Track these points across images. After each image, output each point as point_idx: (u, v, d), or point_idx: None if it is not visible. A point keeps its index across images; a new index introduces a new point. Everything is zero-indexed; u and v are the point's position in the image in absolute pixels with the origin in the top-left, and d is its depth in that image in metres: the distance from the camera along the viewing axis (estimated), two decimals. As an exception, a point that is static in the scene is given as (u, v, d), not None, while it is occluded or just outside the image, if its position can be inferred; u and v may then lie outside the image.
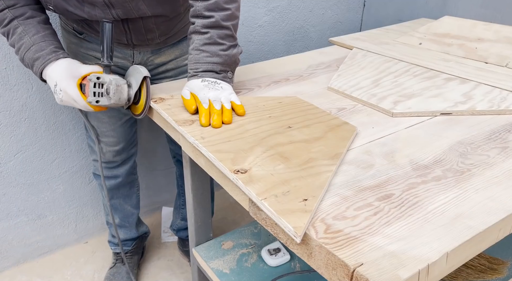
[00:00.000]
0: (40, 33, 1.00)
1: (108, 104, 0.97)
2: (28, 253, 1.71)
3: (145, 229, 1.70)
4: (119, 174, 1.47)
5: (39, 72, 1.00)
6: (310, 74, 1.19)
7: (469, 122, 0.93)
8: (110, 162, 1.43)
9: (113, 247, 1.64)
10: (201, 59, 0.97)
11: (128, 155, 1.45)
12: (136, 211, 1.61)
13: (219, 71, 0.98)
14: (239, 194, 0.73)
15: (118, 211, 1.56)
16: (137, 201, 1.60)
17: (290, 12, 1.93)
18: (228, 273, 1.14)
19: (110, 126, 1.34)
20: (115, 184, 1.48)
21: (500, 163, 0.78)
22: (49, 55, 0.99)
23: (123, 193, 1.53)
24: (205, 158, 0.82)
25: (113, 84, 0.96)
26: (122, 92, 0.98)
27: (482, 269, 1.17)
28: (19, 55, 1.02)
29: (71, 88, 0.97)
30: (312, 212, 0.63)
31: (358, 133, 0.88)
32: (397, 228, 0.61)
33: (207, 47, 0.97)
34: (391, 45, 1.39)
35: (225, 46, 0.97)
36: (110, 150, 1.39)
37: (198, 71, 0.97)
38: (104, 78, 0.96)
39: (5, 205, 1.59)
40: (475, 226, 0.62)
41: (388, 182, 0.72)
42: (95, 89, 0.96)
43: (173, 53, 1.26)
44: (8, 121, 1.47)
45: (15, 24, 1.00)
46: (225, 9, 0.96)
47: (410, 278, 0.54)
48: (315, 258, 0.60)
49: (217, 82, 0.96)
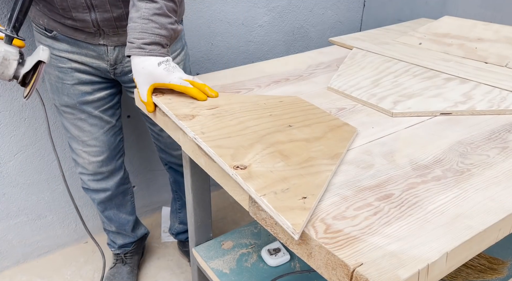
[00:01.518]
0: None
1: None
2: (28, 253, 1.72)
3: (143, 231, 1.68)
4: (109, 187, 1.42)
5: None
6: (310, 74, 1.19)
7: (469, 122, 0.93)
8: (97, 174, 1.37)
9: (113, 249, 1.64)
10: (149, 30, 0.92)
11: (115, 166, 1.39)
12: (132, 217, 1.58)
13: (164, 44, 0.94)
14: (239, 193, 0.73)
15: (113, 221, 1.52)
16: (132, 207, 1.56)
17: (290, 12, 1.93)
18: (228, 273, 1.14)
19: (92, 134, 1.29)
20: (106, 197, 1.43)
21: (500, 163, 0.78)
22: None
23: (116, 203, 1.49)
24: (205, 157, 0.82)
25: (0, 56, 0.91)
26: (8, 68, 0.93)
27: (482, 269, 1.17)
28: None
29: None
30: (311, 210, 0.63)
31: (358, 133, 0.88)
32: (397, 228, 0.61)
33: (157, 18, 0.93)
34: (391, 45, 1.39)
35: (172, 20, 0.95)
36: (94, 161, 1.34)
37: (145, 43, 0.92)
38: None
39: (5, 205, 1.59)
40: (475, 226, 0.62)
41: (388, 182, 0.72)
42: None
43: None
44: (8, 121, 1.47)
45: None
46: None
47: (410, 278, 0.54)
48: (315, 258, 0.60)
49: (169, 61, 0.94)
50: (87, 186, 1.42)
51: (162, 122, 0.98)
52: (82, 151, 1.32)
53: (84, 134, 1.29)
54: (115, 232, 1.57)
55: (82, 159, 1.34)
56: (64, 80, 1.20)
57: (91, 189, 1.42)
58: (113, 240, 1.61)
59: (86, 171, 1.36)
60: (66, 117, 1.27)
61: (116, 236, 1.59)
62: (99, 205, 1.46)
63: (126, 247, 1.62)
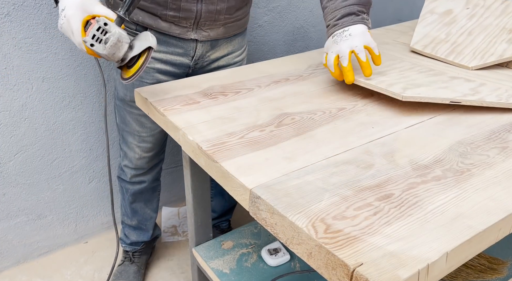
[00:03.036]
0: None
1: (101, 53, 0.92)
2: (28, 253, 1.72)
3: (158, 232, 1.71)
4: (145, 180, 1.47)
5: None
6: (310, 74, 1.19)
7: (469, 122, 0.93)
8: (140, 168, 1.43)
9: (124, 245, 1.65)
10: (338, 5, 1.00)
11: (157, 160, 1.45)
12: (155, 214, 1.61)
13: (357, 12, 0.99)
14: (239, 193, 0.74)
15: (137, 214, 1.55)
16: (157, 205, 1.60)
17: (290, 12, 1.93)
18: (228, 273, 1.14)
19: (151, 131, 1.33)
20: (140, 189, 1.48)
21: (500, 163, 0.78)
22: None
23: (145, 197, 1.53)
24: (205, 157, 0.82)
25: (115, 37, 0.90)
26: (120, 49, 0.93)
27: (482, 269, 1.17)
28: None
29: (75, 20, 0.90)
30: None
31: (358, 133, 0.88)
32: (397, 228, 0.61)
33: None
34: (391, 45, 1.39)
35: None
36: (145, 156, 1.38)
37: (338, 19, 0.99)
38: (111, 27, 0.90)
39: (5, 205, 1.59)
40: (475, 226, 0.62)
41: (388, 181, 0.72)
42: (97, 33, 0.90)
43: (227, 48, 1.28)
44: (8, 121, 1.47)
45: None
46: None
47: (410, 278, 0.54)
48: (315, 258, 0.60)
49: (345, 30, 0.98)
50: (126, 178, 1.45)
51: (163, 122, 0.98)
52: (137, 146, 1.36)
53: (144, 130, 1.33)
54: (135, 226, 1.58)
55: (134, 153, 1.38)
56: (143, 79, 1.23)
57: (128, 181, 1.46)
58: (127, 235, 1.62)
59: (132, 164, 1.41)
60: (131, 112, 1.30)
61: (133, 232, 1.60)
62: (131, 196, 1.49)
63: (136, 245, 1.63)
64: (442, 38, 1.28)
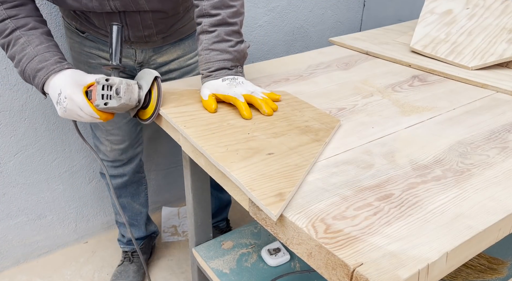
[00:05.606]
0: (43, 44, 0.98)
1: (118, 105, 0.91)
2: (28, 253, 1.72)
3: (153, 228, 1.72)
4: (125, 173, 1.48)
5: (42, 84, 0.96)
6: (310, 74, 1.19)
7: (469, 122, 0.93)
8: (116, 161, 1.44)
9: (122, 245, 1.66)
10: (212, 58, 0.98)
11: (133, 153, 1.47)
12: (145, 209, 1.63)
13: (230, 67, 0.98)
14: (239, 193, 0.74)
15: (126, 210, 1.57)
16: (145, 199, 1.62)
17: (290, 12, 1.93)
18: (228, 273, 1.14)
19: (116, 124, 1.35)
20: (122, 183, 1.50)
21: (499, 163, 0.78)
22: (54, 65, 0.96)
23: (130, 192, 1.55)
24: (205, 157, 0.82)
25: (124, 84, 0.92)
26: (133, 92, 0.94)
27: (482, 269, 1.17)
28: (19, 67, 0.98)
29: (77, 95, 0.92)
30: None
31: (358, 133, 0.88)
32: (397, 228, 0.61)
33: (216, 45, 0.97)
34: (391, 45, 1.39)
35: (232, 42, 0.98)
36: (116, 148, 1.40)
37: (211, 71, 0.98)
38: (113, 79, 0.92)
39: (5, 205, 1.59)
40: (475, 226, 0.62)
41: (388, 181, 0.72)
42: (104, 91, 0.91)
43: (175, 52, 1.27)
44: (8, 121, 1.47)
45: (17, 34, 0.97)
46: (230, 6, 0.97)
47: (410, 278, 0.54)
48: (315, 258, 0.60)
49: (235, 78, 0.97)
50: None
51: (164, 123, 0.98)
52: (106, 139, 1.38)
53: (108, 124, 1.35)
54: (128, 222, 1.58)
55: (104, 146, 1.40)
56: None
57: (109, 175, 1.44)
58: (123, 234, 1.63)
59: (107, 157, 1.43)
60: None
61: (126, 229, 1.61)
62: (116, 190, 1.51)
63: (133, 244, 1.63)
64: (442, 38, 1.29)
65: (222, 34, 0.97)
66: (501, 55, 1.18)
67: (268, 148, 0.80)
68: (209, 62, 0.98)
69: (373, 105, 1.01)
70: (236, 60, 0.99)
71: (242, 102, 0.93)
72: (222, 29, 0.97)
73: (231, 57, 0.98)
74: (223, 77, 0.97)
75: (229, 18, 0.97)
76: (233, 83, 0.96)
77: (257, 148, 0.80)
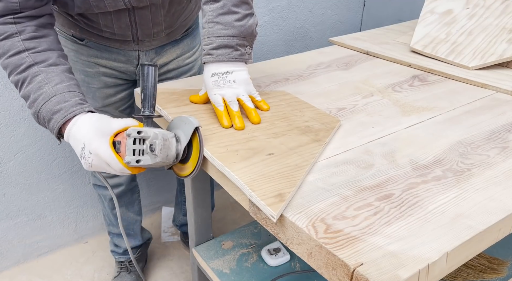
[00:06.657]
0: (64, 82, 0.84)
1: (153, 163, 0.77)
2: (28, 253, 1.72)
3: (148, 235, 1.70)
4: (122, 182, 1.44)
5: (58, 127, 0.82)
6: (310, 74, 1.19)
7: (469, 122, 0.93)
8: None
9: (117, 256, 1.62)
10: (215, 32, 0.86)
11: None
12: (139, 217, 1.59)
13: (235, 45, 0.87)
14: (239, 193, 0.74)
15: (121, 220, 1.53)
16: (139, 207, 1.58)
17: (290, 12, 1.93)
18: (228, 273, 1.14)
19: None
20: (118, 193, 1.45)
21: (500, 163, 0.78)
22: (73, 107, 0.82)
23: (125, 201, 1.51)
24: (205, 157, 0.82)
25: (159, 138, 0.77)
26: (170, 148, 0.79)
27: (482, 269, 1.17)
28: (33, 108, 0.84)
29: (103, 149, 0.77)
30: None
31: (358, 133, 0.88)
32: (397, 228, 0.61)
33: (221, 17, 0.86)
34: (391, 45, 1.39)
35: (239, 15, 0.87)
36: None
37: (213, 48, 0.86)
38: (146, 132, 0.77)
39: (5, 205, 1.59)
40: (475, 226, 0.62)
41: (388, 181, 0.72)
42: (135, 146, 0.77)
43: (175, 52, 1.27)
44: (8, 121, 1.47)
45: (35, 71, 0.83)
46: None
47: (410, 278, 0.54)
48: (315, 258, 0.60)
49: (227, 74, 0.87)
50: (101, 183, 1.42)
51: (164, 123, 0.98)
52: None
53: None
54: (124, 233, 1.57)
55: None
56: (90, 84, 1.22)
57: (103, 186, 1.42)
58: (118, 245, 1.59)
59: None
60: None
61: (122, 240, 1.57)
62: (111, 201, 1.46)
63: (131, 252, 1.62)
64: (442, 38, 1.29)
65: (228, 5, 0.86)
66: (501, 55, 1.18)
67: (268, 148, 0.80)
68: (212, 36, 0.87)
69: (373, 105, 1.01)
70: (244, 37, 0.88)
71: (220, 111, 0.86)
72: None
73: (236, 33, 0.86)
74: (214, 71, 0.87)
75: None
76: (220, 82, 0.87)
77: (257, 148, 0.80)
